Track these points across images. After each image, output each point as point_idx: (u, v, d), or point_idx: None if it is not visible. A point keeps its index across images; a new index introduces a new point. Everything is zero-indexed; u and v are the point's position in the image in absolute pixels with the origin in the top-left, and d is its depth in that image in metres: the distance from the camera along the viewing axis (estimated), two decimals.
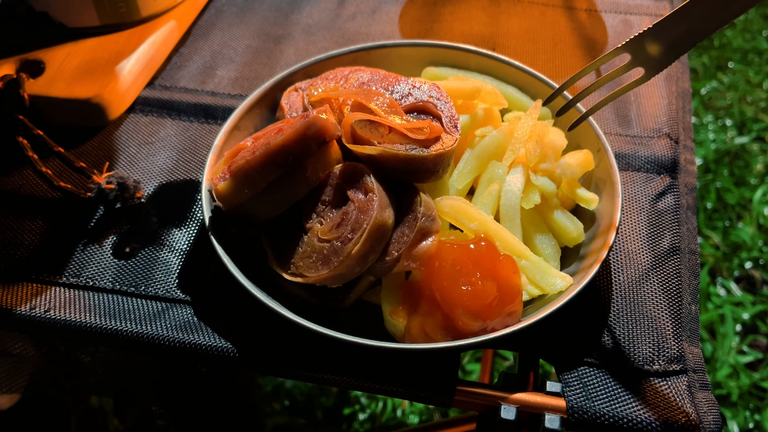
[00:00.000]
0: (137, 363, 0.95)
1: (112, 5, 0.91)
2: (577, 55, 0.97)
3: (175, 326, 0.66)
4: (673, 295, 0.69)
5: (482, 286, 0.60)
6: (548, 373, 1.58)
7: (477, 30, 1.01)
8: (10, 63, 0.87)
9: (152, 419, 1.13)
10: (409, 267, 0.62)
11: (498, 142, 0.71)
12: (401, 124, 0.64)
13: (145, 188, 0.79)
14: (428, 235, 0.63)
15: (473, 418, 0.94)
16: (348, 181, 0.63)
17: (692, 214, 0.77)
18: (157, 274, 0.71)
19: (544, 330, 0.65)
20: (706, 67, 2.55)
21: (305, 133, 0.61)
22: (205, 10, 1.05)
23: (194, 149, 0.84)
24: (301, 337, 0.63)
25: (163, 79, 0.93)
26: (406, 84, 0.70)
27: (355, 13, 1.04)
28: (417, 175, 0.64)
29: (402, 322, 0.61)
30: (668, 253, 0.72)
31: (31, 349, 0.88)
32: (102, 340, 0.66)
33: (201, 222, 0.76)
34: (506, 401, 0.61)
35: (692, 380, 0.63)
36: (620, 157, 0.82)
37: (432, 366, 0.63)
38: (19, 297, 0.68)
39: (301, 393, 1.63)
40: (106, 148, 0.84)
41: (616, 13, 1.04)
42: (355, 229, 0.59)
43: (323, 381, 0.63)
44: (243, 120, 0.76)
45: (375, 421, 1.62)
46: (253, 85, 0.92)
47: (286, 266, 0.62)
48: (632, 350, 0.65)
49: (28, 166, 0.78)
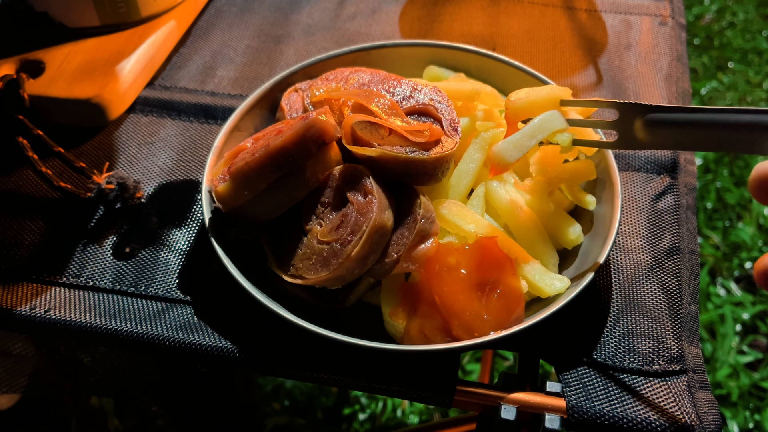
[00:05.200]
0: (137, 363, 0.95)
1: (112, 5, 0.91)
2: (577, 55, 0.97)
3: (175, 326, 0.66)
4: (672, 295, 0.69)
5: (480, 303, 0.60)
6: (548, 373, 1.58)
7: (477, 30, 1.01)
8: (10, 63, 0.87)
9: (152, 419, 1.13)
10: (409, 269, 0.62)
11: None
12: (402, 126, 0.64)
13: (145, 188, 0.79)
14: (427, 237, 0.63)
15: (473, 418, 0.94)
16: (348, 182, 0.63)
17: (692, 214, 0.77)
18: (157, 274, 0.71)
19: (544, 330, 0.65)
20: (706, 67, 2.55)
21: (305, 134, 0.61)
22: (205, 10, 1.05)
23: (194, 149, 0.84)
24: (300, 338, 0.63)
25: (163, 79, 0.93)
26: (407, 86, 0.70)
27: (355, 13, 1.04)
28: (416, 177, 0.64)
29: (401, 323, 0.61)
30: (668, 253, 0.72)
31: (31, 349, 0.88)
32: (102, 340, 0.66)
33: (201, 222, 0.76)
34: (506, 401, 0.61)
35: (692, 380, 0.63)
36: (620, 157, 0.82)
37: (432, 366, 0.63)
38: (19, 297, 0.68)
39: (301, 393, 1.63)
40: (106, 148, 0.84)
41: (616, 13, 1.04)
42: (355, 231, 0.59)
43: (323, 381, 0.63)
44: (243, 120, 0.76)
45: (375, 421, 1.62)
46: (253, 85, 0.92)
47: (286, 268, 0.62)
48: (632, 350, 0.65)
49: (28, 166, 0.79)
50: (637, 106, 0.62)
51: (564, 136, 0.67)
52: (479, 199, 0.68)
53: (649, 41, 0.99)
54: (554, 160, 0.70)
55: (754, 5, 2.83)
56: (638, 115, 0.62)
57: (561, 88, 0.68)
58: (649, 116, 0.61)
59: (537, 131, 0.65)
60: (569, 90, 0.68)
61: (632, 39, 1.00)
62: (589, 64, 0.96)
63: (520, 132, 0.65)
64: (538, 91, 0.67)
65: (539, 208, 0.69)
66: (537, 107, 0.67)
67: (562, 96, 0.67)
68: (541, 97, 0.67)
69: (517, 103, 0.66)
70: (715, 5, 2.85)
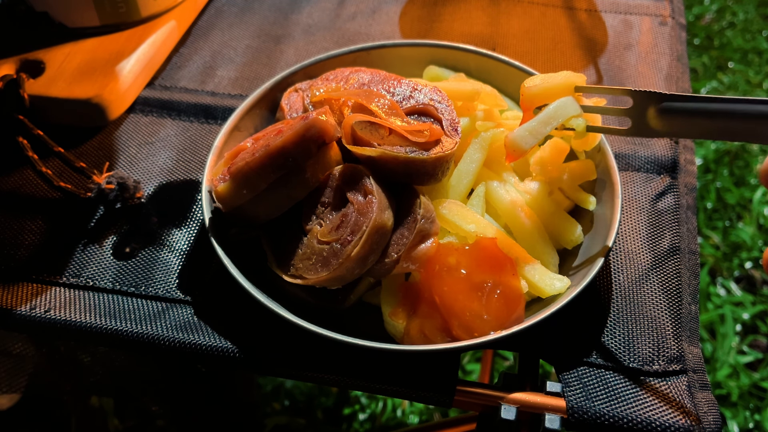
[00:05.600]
0: (137, 363, 0.95)
1: (112, 5, 0.91)
2: (577, 55, 0.97)
3: (175, 326, 0.66)
4: (673, 295, 0.69)
5: (480, 303, 0.60)
6: (548, 373, 1.58)
7: (477, 30, 1.01)
8: (10, 63, 0.87)
9: (152, 419, 1.13)
10: (409, 269, 0.62)
11: (501, 145, 0.71)
12: (402, 126, 0.64)
13: (145, 188, 0.79)
14: (427, 237, 0.63)
15: (473, 418, 0.94)
16: (347, 182, 0.63)
17: (692, 214, 0.77)
18: (157, 274, 0.71)
19: (544, 330, 0.65)
20: (706, 67, 2.55)
21: (305, 135, 0.61)
22: (205, 10, 1.05)
23: (194, 149, 0.84)
24: (300, 338, 0.63)
25: (163, 79, 0.93)
26: (407, 86, 0.70)
27: (355, 13, 1.04)
28: (416, 177, 0.64)
29: (401, 323, 0.61)
30: (668, 253, 0.72)
31: (31, 349, 0.88)
32: (102, 340, 0.66)
33: (201, 222, 0.76)
34: (506, 401, 0.61)
35: (692, 380, 0.63)
36: (620, 157, 0.82)
37: (432, 366, 0.63)
38: (19, 297, 0.68)
39: (301, 393, 1.63)
40: (106, 148, 0.84)
41: (616, 13, 1.04)
42: (355, 231, 0.59)
43: (323, 381, 0.63)
44: (243, 120, 0.76)
45: (375, 421, 1.62)
46: (253, 85, 0.92)
47: (286, 268, 0.62)
48: (632, 350, 0.65)
49: (28, 166, 0.79)
50: (652, 95, 0.62)
51: (579, 121, 0.67)
52: (479, 199, 0.68)
53: (649, 41, 0.99)
54: (554, 160, 0.70)
55: (754, 5, 2.84)
56: (652, 103, 0.62)
57: (576, 75, 0.68)
58: (664, 104, 0.61)
59: (552, 118, 0.65)
60: (584, 77, 0.68)
61: (632, 39, 1.00)
62: (589, 64, 0.96)
63: (536, 119, 0.65)
64: (553, 77, 0.67)
65: (539, 208, 0.69)
66: (552, 93, 0.66)
67: (577, 82, 0.67)
68: (557, 83, 0.67)
69: (532, 89, 0.66)
70: (715, 5, 2.85)
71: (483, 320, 0.59)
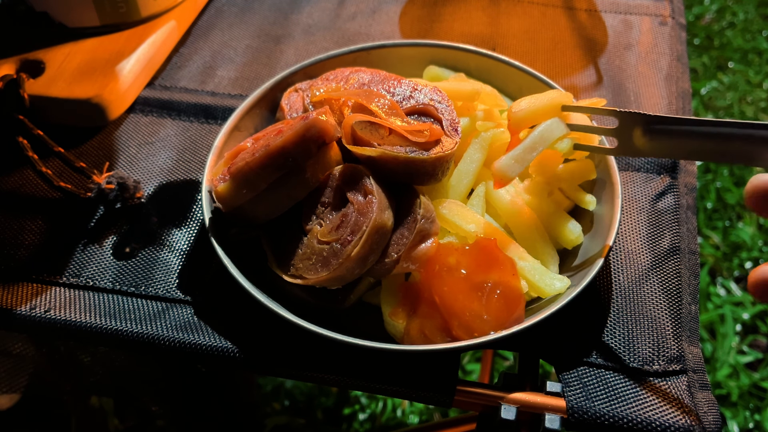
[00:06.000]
0: (137, 363, 0.95)
1: (112, 5, 0.91)
2: (577, 55, 0.97)
3: (175, 326, 0.66)
4: (673, 295, 0.69)
5: (480, 303, 0.60)
6: (548, 373, 1.58)
7: (477, 30, 1.01)
8: (10, 63, 0.87)
9: (152, 419, 1.13)
10: (409, 269, 0.62)
11: (501, 145, 0.71)
12: (402, 126, 0.64)
13: (145, 188, 0.79)
14: (427, 237, 0.63)
15: (473, 418, 0.94)
16: (347, 182, 0.63)
17: (692, 214, 0.77)
18: (157, 274, 0.71)
19: (544, 330, 0.65)
20: (706, 67, 2.55)
21: (305, 135, 0.61)
22: (205, 10, 1.05)
23: (194, 149, 0.84)
24: (300, 338, 0.63)
25: (163, 79, 0.93)
26: (407, 86, 0.70)
27: (355, 13, 1.04)
28: (416, 177, 0.64)
29: (401, 323, 0.61)
30: (668, 253, 0.72)
31: (31, 349, 0.88)
32: (102, 340, 0.66)
33: (201, 222, 0.76)
34: (506, 401, 0.61)
35: (692, 380, 0.63)
36: (620, 157, 0.82)
37: (432, 366, 0.63)
38: (19, 297, 0.68)
39: (301, 393, 1.63)
40: (106, 148, 0.84)
41: (616, 13, 1.04)
42: (355, 231, 0.59)
43: (323, 381, 0.63)
44: (243, 120, 0.76)
45: (375, 421, 1.62)
46: (253, 85, 0.92)
47: (286, 268, 0.62)
48: (632, 350, 0.65)
49: (28, 166, 0.79)
50: (637, 116, 0.62)
51: (564, 144, 0.67)
52: (479, 199, 0.68)
53: (649, 41, 0.99)
54: (554, 160, 0.70)
55: (754, 5, 2.83)
56: (638, 124, 0.62)
57: (563, 94, 0.68)
58: (649, 126, 0.62)
59: (538, 143, 0.66)
60: (570, 95, 0.68)
61: (632, 39, 1.00)
62: (589, 64, 0.96)
63: (522, 146, 0.66)
64: (539, 99, 0.67)
65: (539, 208, 0.69)
66: (539, 115, 0.67)
67: (563, 102, 0.67)
68: (543, 105, 0.67)
69: (518, 114, 0.67)
70: (715, 5, 2.85)
71: (483, 320, 0.59)
